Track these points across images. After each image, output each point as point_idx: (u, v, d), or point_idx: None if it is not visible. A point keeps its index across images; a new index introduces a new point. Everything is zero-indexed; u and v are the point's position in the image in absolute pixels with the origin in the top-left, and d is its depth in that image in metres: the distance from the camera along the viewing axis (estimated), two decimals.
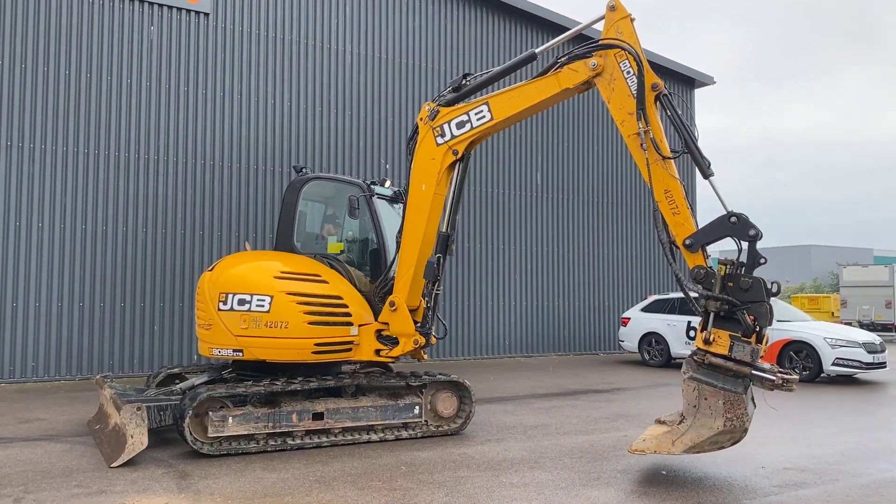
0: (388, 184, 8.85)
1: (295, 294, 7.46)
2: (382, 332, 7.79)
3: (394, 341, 7.77)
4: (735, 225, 6.10)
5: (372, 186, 8.37)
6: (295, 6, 14.33)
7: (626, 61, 6.61)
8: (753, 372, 5.79)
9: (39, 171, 12.05)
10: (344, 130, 14.83)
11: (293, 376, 7.46)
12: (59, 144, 12.18)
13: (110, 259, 12.50)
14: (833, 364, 12.84)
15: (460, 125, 7.46)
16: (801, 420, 9.48)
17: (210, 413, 6.76)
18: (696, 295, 6.20)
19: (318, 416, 7.26)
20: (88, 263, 12.33)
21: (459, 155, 7.59)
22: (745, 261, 6.05)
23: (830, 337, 13.09)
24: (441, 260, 7.70)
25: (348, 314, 7.66)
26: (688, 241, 6.24)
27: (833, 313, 28.86)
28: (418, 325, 7.77)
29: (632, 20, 6.70)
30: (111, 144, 12.58)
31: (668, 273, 19.24)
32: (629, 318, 16.31)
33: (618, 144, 18.43)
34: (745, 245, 6.07)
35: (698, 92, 20.40)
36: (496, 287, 16.66)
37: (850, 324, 23.69)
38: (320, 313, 7.52)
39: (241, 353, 7.41)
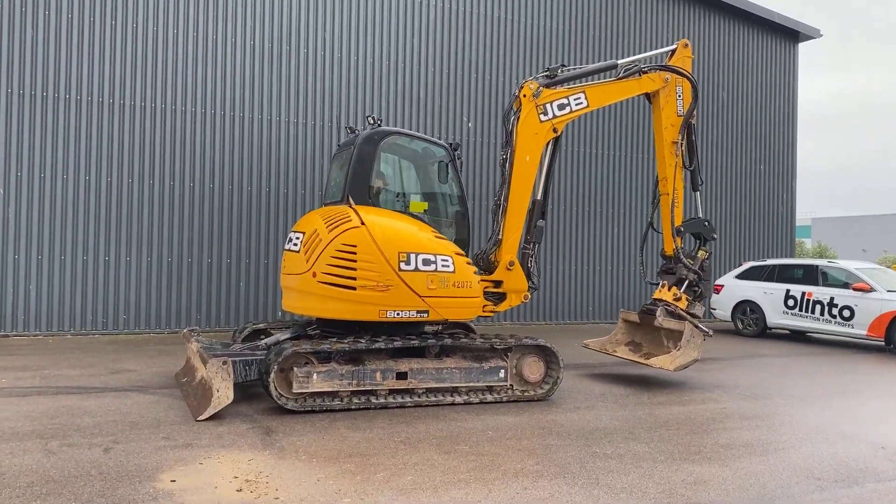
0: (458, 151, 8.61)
1: (459, 255, 7.61)
2: (487, 289, 8.07)
3: (499, 297, 8.16)
4: (707, 227, 9.34)
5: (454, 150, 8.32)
6: None
7: (680, 87, 9.09)
8: (698, 324, 8.56)
9: (128, 128, 12.24)
10: (427, 87, 14.50)
11: (377, 335, 7.30)
12: (147, 101, 12.33)
13: (197, 216, 12.66)
14: None
15: (561, 107, 8.36)
16: None
17: (295, 368, 6.67)
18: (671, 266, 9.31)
19: (401, 376, 7.09)
20: (177, 220, 12.52)
21: (559, 132, 8.44)
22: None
23: None
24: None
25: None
26: (681, 229, 9.14)
27: None
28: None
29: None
30: (198, 102, 12.66)
31: (763, 240, 18.45)
32: (722, 286, 15.55)
33: (706, 104, 17.47)
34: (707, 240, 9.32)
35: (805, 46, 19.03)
36: (581, 251, 16.15)
37: None
38: (477, 272, 7.78)
39: (426, 314, 7.39)
